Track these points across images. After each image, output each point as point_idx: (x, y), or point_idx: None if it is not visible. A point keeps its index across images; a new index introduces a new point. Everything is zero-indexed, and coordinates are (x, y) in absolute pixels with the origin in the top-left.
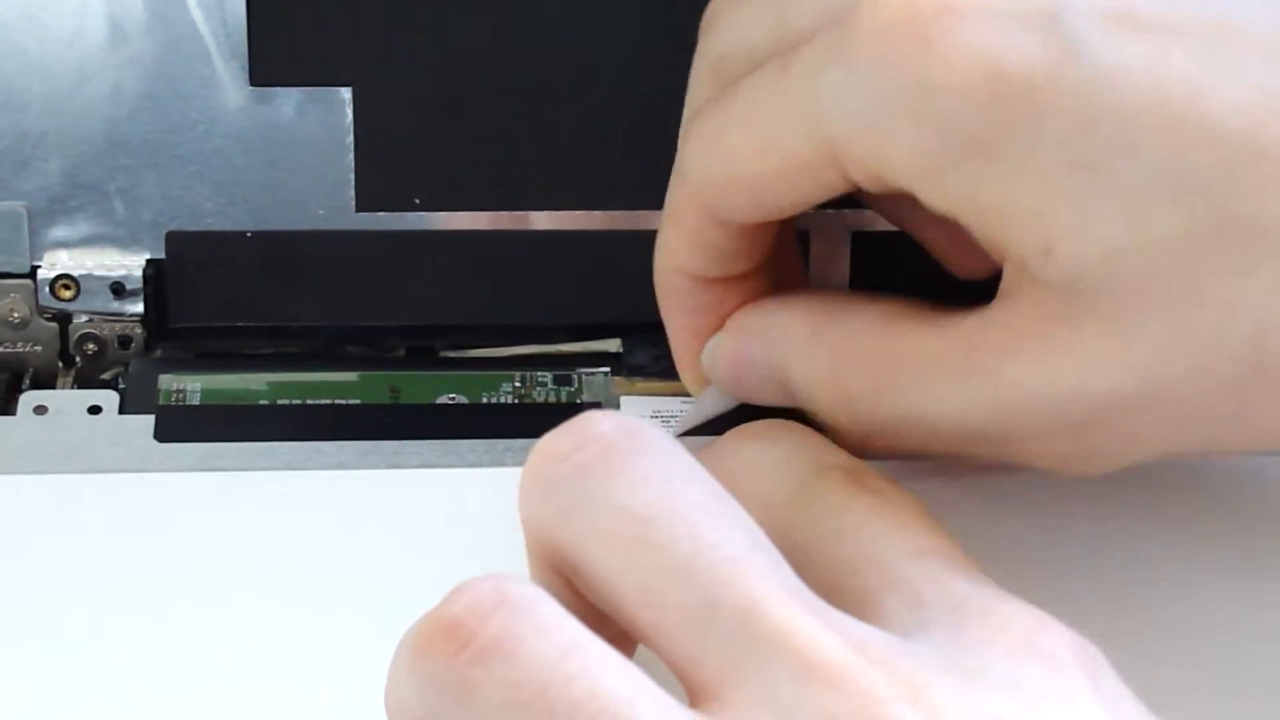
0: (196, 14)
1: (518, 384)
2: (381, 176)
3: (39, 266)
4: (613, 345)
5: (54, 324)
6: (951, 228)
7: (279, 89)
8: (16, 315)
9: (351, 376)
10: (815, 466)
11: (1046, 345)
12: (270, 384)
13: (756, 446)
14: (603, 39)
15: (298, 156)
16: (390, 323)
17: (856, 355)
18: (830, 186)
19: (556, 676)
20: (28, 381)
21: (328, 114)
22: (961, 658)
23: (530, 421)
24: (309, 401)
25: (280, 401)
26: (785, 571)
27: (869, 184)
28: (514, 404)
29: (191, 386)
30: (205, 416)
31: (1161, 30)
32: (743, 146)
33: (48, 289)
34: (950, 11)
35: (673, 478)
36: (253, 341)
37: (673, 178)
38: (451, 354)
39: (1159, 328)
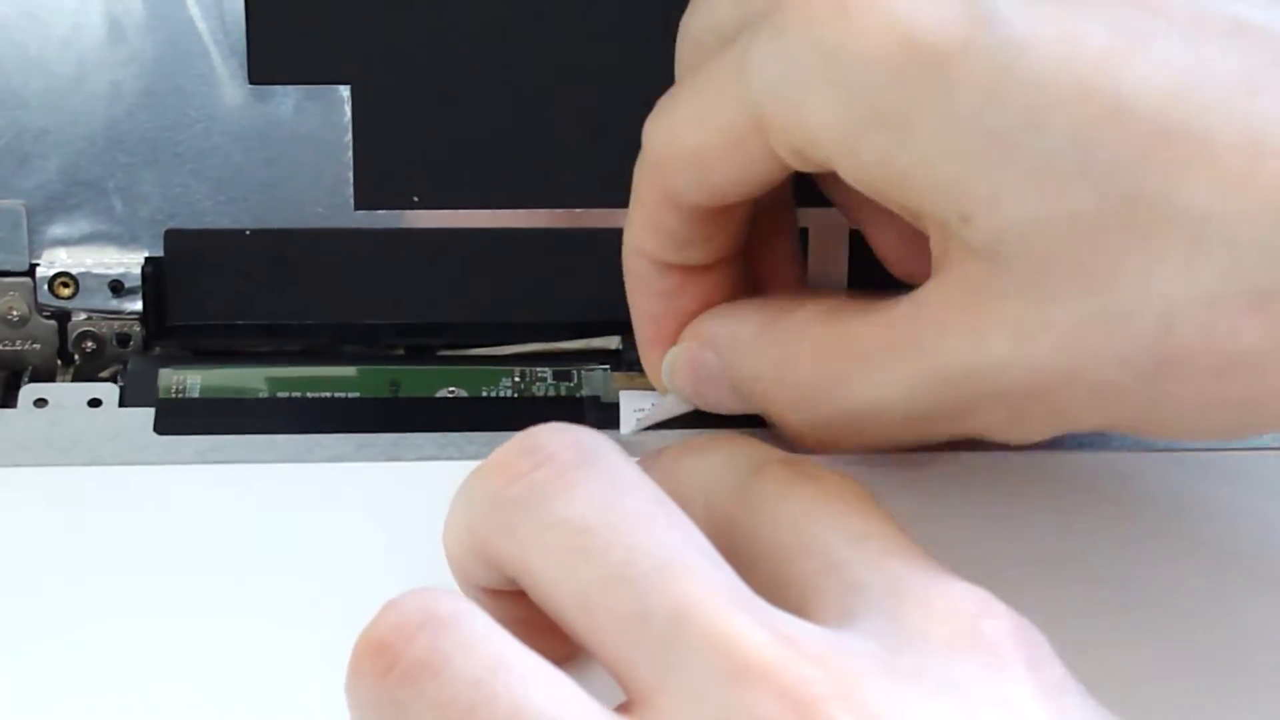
0: (195, 12)
1: (517, 379)
2: (380, 175)
3: (38, 264)
4: (612, 342)
5: (53, 322)
6: (895, 224)
7: (278, 87)
8: (15, 313)
9: (351, 370)
10: (753, 463)
11: (974, 316)
12: (270, 378)
13: (697, 455)
14: (602, 37)
15: (296, 155)
16: (389, 321)
17: (800, 352)
18: (763, 163)
19: (482, 695)
20: (26, 379)
21: (326, 112)
22: (898, 652)
23: (530, 416)
24: (308, 395)
25: (280, 395)
26: (721, 573)
27: (793, 159)
28: (513, 398)
29: (191, 380)
30: (205, 409)
31: (1079, 2)
32: (686, 120)
33: (46, 287)
34: None
35: (615, 490)
36: (251, 339)
37: (639, 158)
38: (450, 353)
39: (1076, 305)
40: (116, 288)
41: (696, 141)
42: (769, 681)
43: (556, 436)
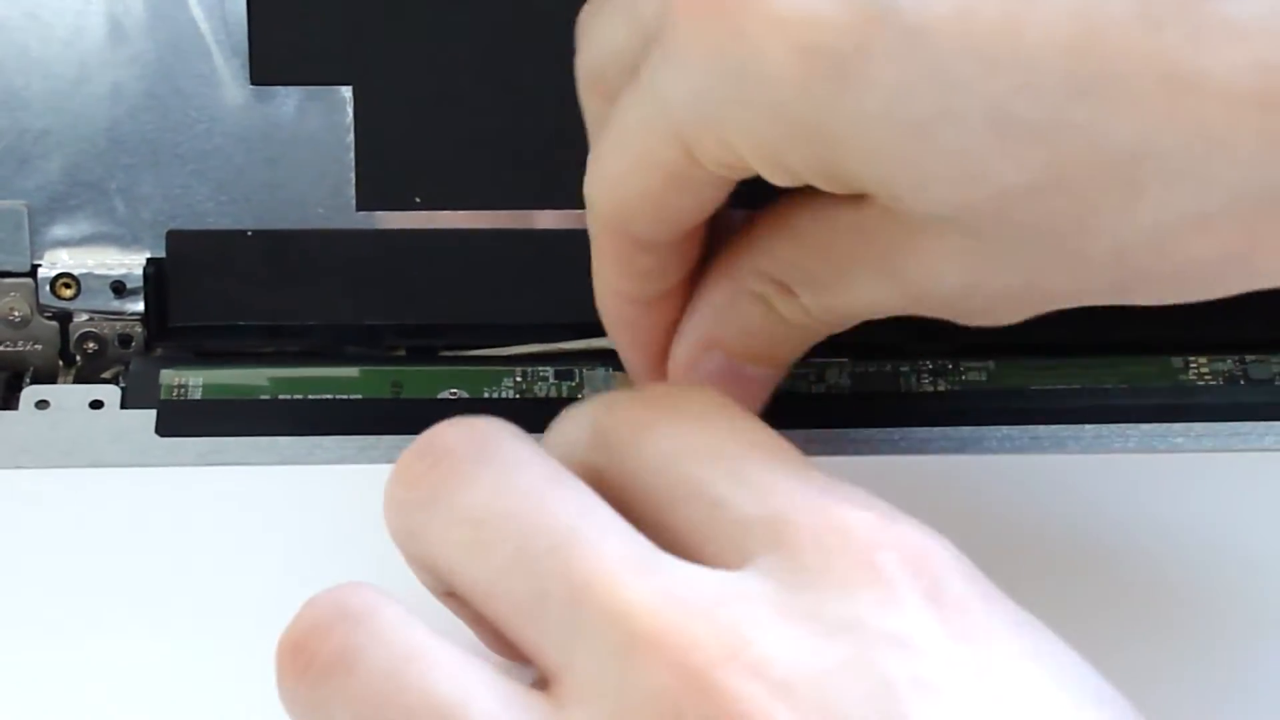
0: (197, 12)
1: (519, 379)
2: (382, 175)
3: (39, 265)
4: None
5: (54, 323)
6: None
7: (279, 88)
8: (17, 314)
9: (353, 372)
10: (602, 407)
11: (921, 257)
12: (271, 379)
13: (558, 424)
14: None
15: (298, 155)
16: (391, 321)
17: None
18: (709, 186)
19: (393, 686)
20: (28, 380)
21: (328, 113)
22: (793, 591)
23: (532, 416)
24: (310, 397)
25: (281, 396)
26: (617, 538)
27: (729, 173)
28: (515, 399)
29: (193, 381)
30: (206, 411)
31: None
32: (620, 168)
33: (48, 288)
34: None
35: (506, 476)
36: (253, 340)
37: (588, 215)
38: (452, 354)
39: (1022, 252)
40: (118, 289)
41: (639, 187)
42: (660, 651)
43: (451, 432)
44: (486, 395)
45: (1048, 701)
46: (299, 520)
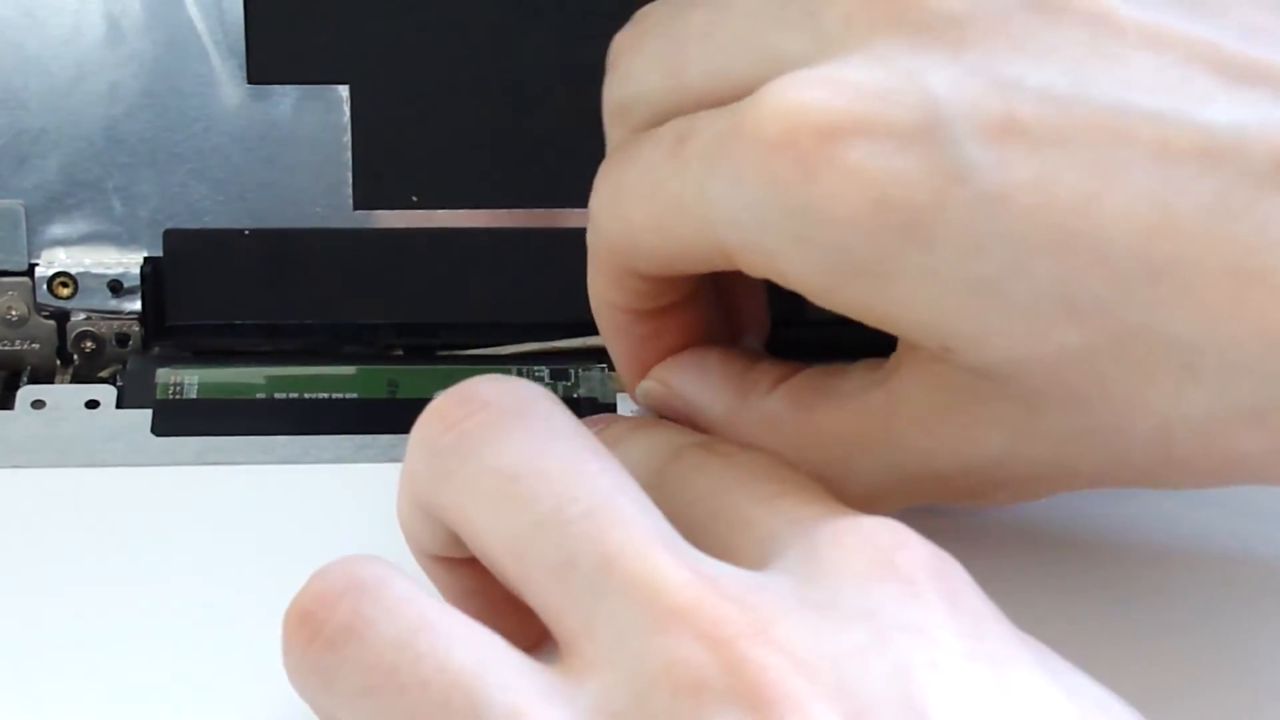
0: (194, 12)
1: None
2: (379, 174)
3: (37, 264)
4: None
5: (52, 322)
6: None
7: (277, 87)
8: (14, 313)
9: (349, 371)
10: (670, 450)
11: (964, 419)
12: (268, 378)
13: (617, 450)
14: (601, 37)
15: (295, 155)
16: (388, 321)
17: (777, 444)
18: (727, 261)
19: (405, 656)
20: (25, 379)
21: (325, 112)
22: (814, 586)
23: None
24: (306, 396)
25: (277, 395)
26: (650, 519)
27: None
28: None
29: (189, 380)
30: (203, 410)
31: (1047, 141)
32: (641, 218)
33: (45, 287)
34: (830, 137)
35: (547, 437)
36: (250, 339)
37: (589, 220)
38: (448, 353)
39: (1070, 419)
40: (115, 288)
41: (654, 244)
42: (688, 623)
43: (492, 385)
44: None
45: (1058, 705)
46: (295, 519)
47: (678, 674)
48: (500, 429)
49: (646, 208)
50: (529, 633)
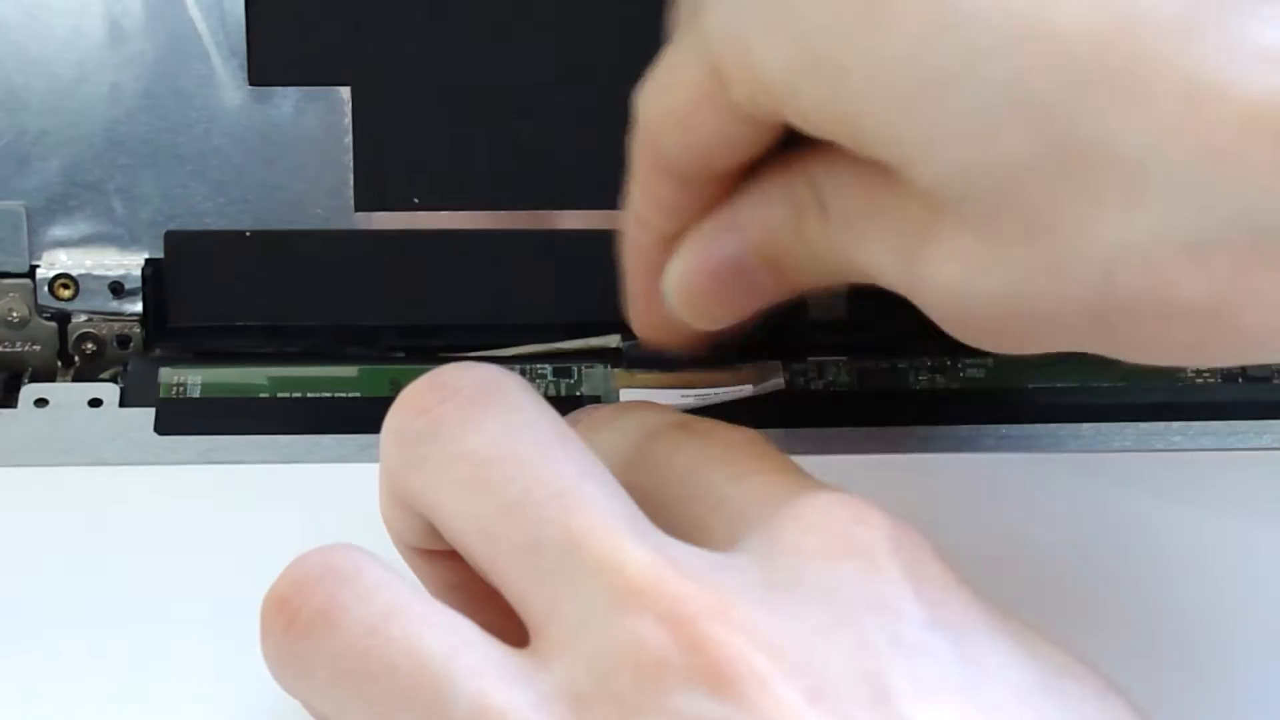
0: (195, 13)
1: None
2: (380, 176)
3: (38, 266)
4: (613, 341)
5: (53, 323)
6: None
7: (278, 88)
8: (15, 315)
9: (351, 370)
10: (649, 430)
11: (927, 245)
12: (270, 378)
13: (598, 432)
14: (602, 37)
15: (296, 156)
16: (389, 322)
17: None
18: (735, 122)
19: (376, 641)
20: (26, 380)
21: (326, 114)
22: (775, 566)
23: None
24: (309, 395)
25: (280, 395)
26: (618, 503)
27: (751, 107)
28: None
29: (192, 380)
30: (205, 410)
31: None
32: (659, 83)
33: (46, 288)
34: None
35: (517, 423)
36: (251, 341)
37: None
38: (450, 354)
39: (1021, 248)
40: (117, 289)
41: (671, 102)
42: (650, 603)
43: (463, 372)
44: None
45: (1021, 670)
46: (298, 518)
47: (639, 654)
48: (470, 414)
49: (663, 68)
50: (510, 625)
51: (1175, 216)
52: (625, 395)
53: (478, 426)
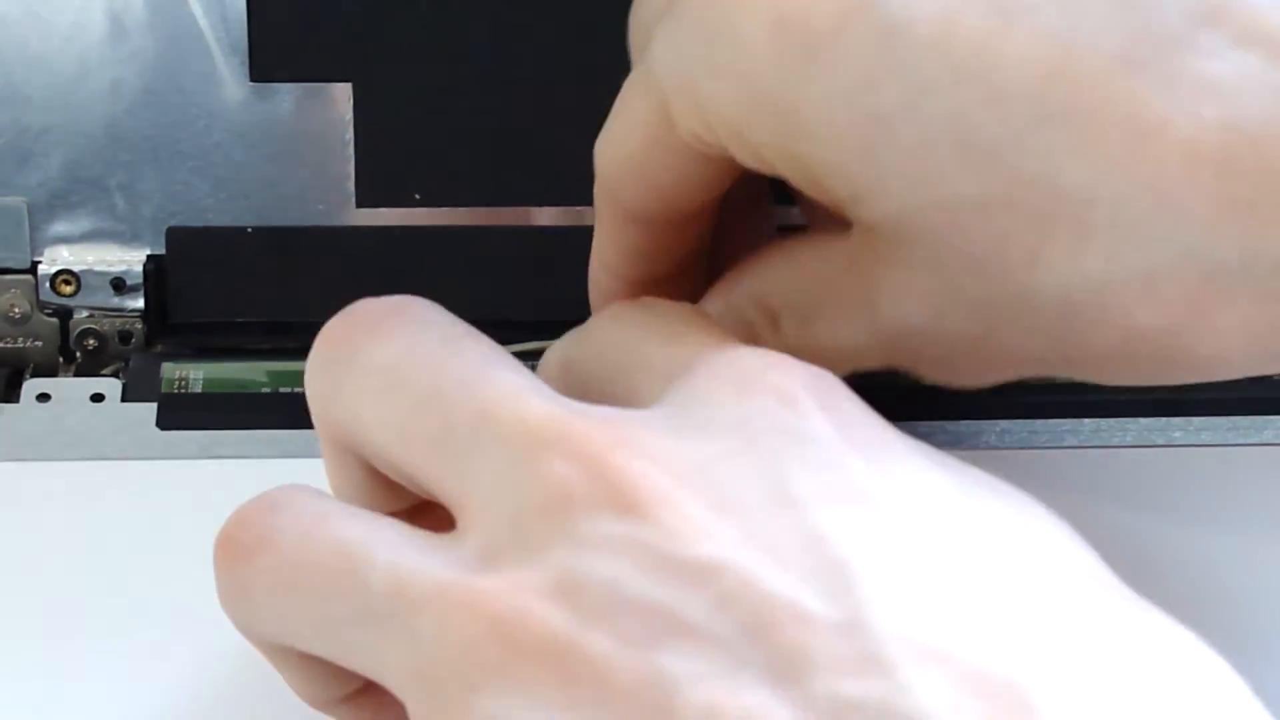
0: (196, 10)
1: None
2: (381, 172)
3: (40, 262)
4: None
5: (54, 319)
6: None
7: (279, 85)
8: (17, 310)
9: None
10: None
11: (891, 282)
12: (272, 372)
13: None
14: (602, 37)
15: (298, 152)
16: None
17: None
18: (691, 163)
19: (306, 546)
20: (28, 376)
21: (328, 110)
22: (688, 412)
23: None
24: None
25: (282, 390)
26: (525, 377)
27: (701, 146)
28: None
29: (194, 375)
30: (207, 404)
31: None
32: (613, 129)
33: (48, 284)
34: None
35: (423, 328)
36: (253, 337)
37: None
38: None
39: (977, 284)
40: (118, 285)
41: (628, 150)
42: (556, 445)
43: (373, 301)
44: None
45: (936, 482)
46: None
47: (547, 493)
48: (380, 332)
49: (616, 112)
50: None
51: (1124, 251)
52: None
53: (388, 341)
